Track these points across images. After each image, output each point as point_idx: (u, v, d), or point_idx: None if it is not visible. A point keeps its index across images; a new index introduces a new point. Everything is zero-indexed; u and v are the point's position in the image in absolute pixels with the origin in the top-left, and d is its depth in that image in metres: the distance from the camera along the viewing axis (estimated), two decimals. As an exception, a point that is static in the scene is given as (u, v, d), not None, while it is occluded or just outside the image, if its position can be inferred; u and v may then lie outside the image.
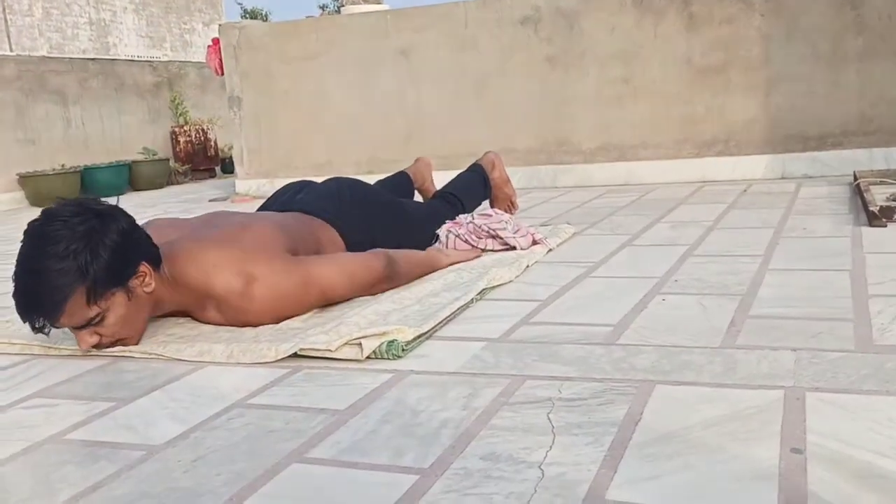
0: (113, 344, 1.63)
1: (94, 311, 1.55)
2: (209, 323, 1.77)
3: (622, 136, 4.01)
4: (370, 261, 1.89)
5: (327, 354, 1.49)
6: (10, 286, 1.55)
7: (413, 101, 4.46)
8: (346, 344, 1.50)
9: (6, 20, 12.12)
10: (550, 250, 2.35)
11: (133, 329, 1.64)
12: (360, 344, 1.49)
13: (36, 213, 1.64)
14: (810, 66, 3.65)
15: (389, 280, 1.92)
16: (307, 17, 5.14)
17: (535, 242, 2.36)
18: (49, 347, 1.70)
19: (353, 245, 2.06)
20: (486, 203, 2.96)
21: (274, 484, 1.00)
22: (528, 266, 2.16)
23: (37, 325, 1.55)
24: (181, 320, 1.82)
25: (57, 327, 1.58)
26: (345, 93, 4.62)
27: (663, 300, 1.71)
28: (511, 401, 1.21)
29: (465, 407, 1.20)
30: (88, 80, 6.55)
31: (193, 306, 1.76)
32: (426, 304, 1.78)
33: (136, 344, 1.66)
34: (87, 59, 6.79)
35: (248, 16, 29.44)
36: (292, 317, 1.74)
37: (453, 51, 4.31)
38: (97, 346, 1.61)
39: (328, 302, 1.82)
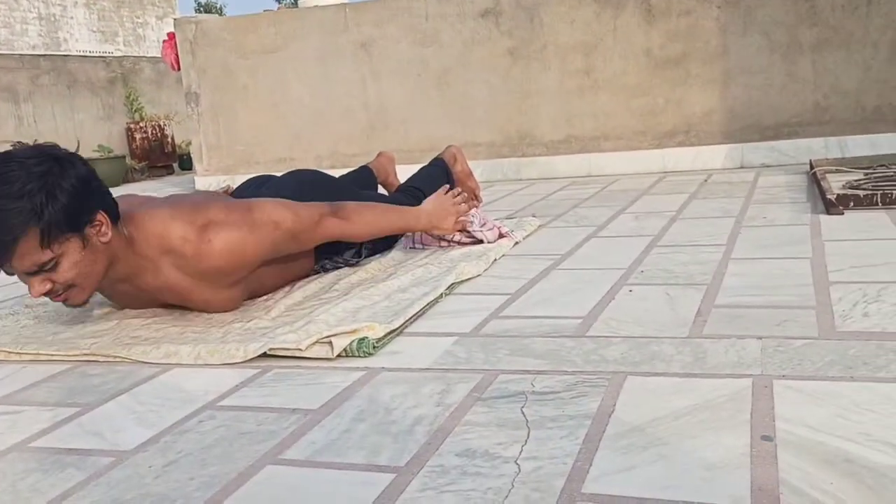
0: (67, 292, 1.60)
1: (47, 255, 1.53)
2: (165, 289, 1.75)
3: (584, 128, 4.03)
4: (313, 203, 1.91)
5: (297, 354, 1.48)
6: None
7: (374, 95, 4.44)
8: (316, 342, 1.49)
9: (-49, 15, 11.78)
10: (517, 243, 2.36)
11: (86, 279, 1.61)
12: (331, 342, 1.49)
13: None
14: (767, 57, 3.71)
15: (339, 217, 1.92)
16: (265, 10, 5.08)
17: (501, 236, 2.36)
18: (9, 353, 1.66)
19: None
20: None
21: (249, 487, 0.99)
22: (495, 260, 2.16)
23: None
24: (147, 321, 1.79)
25: (9, 272, 1.55)
26: (305, 87, 4.58)
27: (630, 291, 1.73)
28: (484, 396, 1.21)
29: (438, 403, 1.20)
30: (40, 76, 6.39)
31: (148, 271, 1.73)
32: (395, 300, 1.77)
33: (85, 302, 1.65)
34: (39, 55, 6.63)
35: (202, 10, 29.00)
36: (252, 257, 1.74)
37: (414, 44, 4.29)
38: (48, 294, 1.58)
39: (285, 238, 1.81)
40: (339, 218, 1.92)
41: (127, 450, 1.14)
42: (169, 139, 7.13)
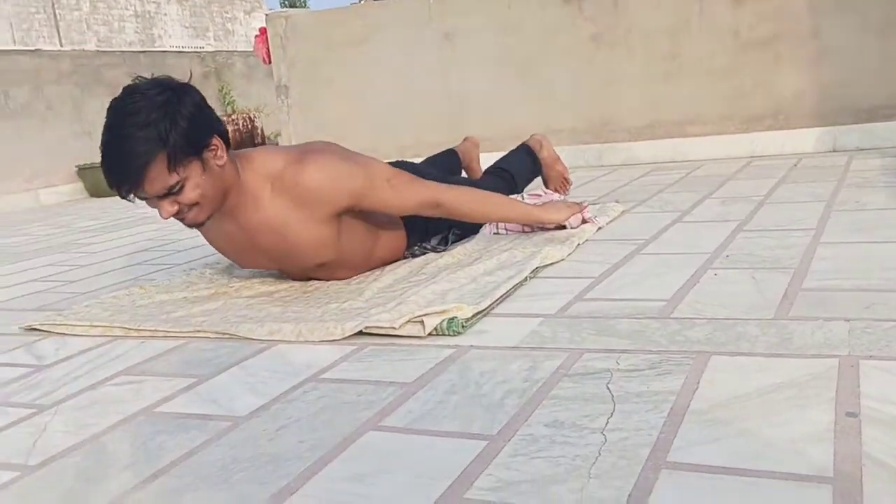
0: (190, 210, 1.76)
1: (174, 177, 1.68)
2: (260, 224, 1.87)
3: (668, 113, 4.00)
4: (425, 187, 2.01)
5: (391, 332, 1.56)
6: (97, 284, 1.67)
7: (457, 84, 4.50)
8: (408, 322, 1.57)
9: (55, 15, 12.42)
10: (600, 228, 2.39)
11: (206, 200, 1.76)
12: (422, 321, 1.56)
13: (95, 203, 1.76)
14: (861, 37, 3.60)
15: (444, 192, 2.01)
16: (352, 3, 5.20)
17: (584, 221, 2.39)
18: (129, 329, 1.81)
19: (407, 221, 2.14)
20: (536, 182, 2.99)
21: (353, 449, 1.08)
22: (579, 244, 2.20)
23: (123, 192, 1.69)
24: (251, 300, 1.91)
25: (142, 197, 1.71)
26: (389, 78, 4.69)
27: (715, 275, 1.75)
28: (570, 372, 1.27)
29: (526, 379, 1.26)
30: (140, 72, 6.72)
31: (251, 203, 1.85)
32: (481, 283, 1.84)
33: (207, 219, 1.81)
34: (138, 51, 6.96)
35: (287, 4, 29.64)
36: (345, 192, 1.85)
37: (497, 33, 4.34)
38: (176, 216, 1.74)
39: (375, 195, 1.90)
40: (447, 192, 2.01)
41: (242, 415, 1.25)
42: (259, 131, 7.39)
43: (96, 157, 5.61)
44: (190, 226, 1.83)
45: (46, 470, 1.13)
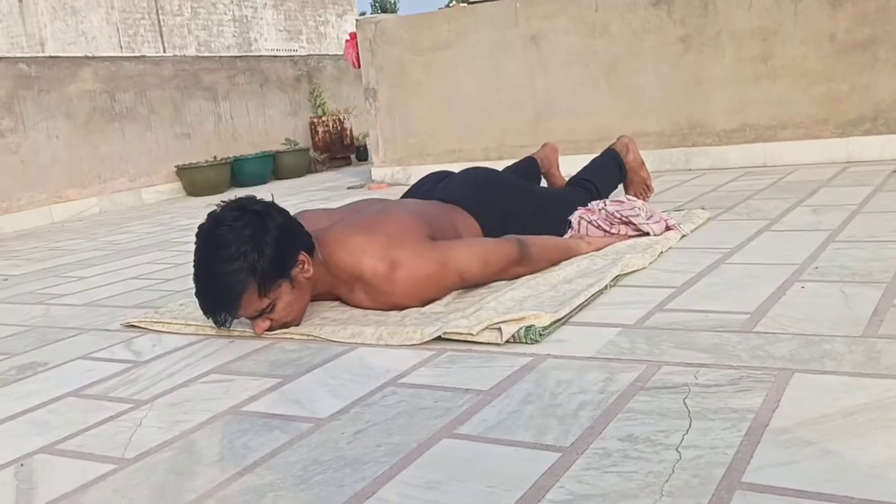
0: (281, 326, 1.80)
1: (265, 302, 1.74)
2: (358, 305, 1.91)
3: (759, 117, 3.89)
4: (503, 245, 1.97)
5: (469, 338, 1.59)
6: (191, 283, 1.76)
7: (542, 86, 4.49)
8: (486, 328, 1.60)
9: (159, 21, 12.98)
10: (684, 236, 2.35)
11: (298, 312, 1.82)
12: (500, 328, 1.58)
13: (191, 201, 1.84)
14: (971, 36, 3.41)
15: (523, 264, 1.99)
16: (440, 8, 5.26)
17: (668, 228, 2.36)
18: (219, 329, 1.89)
19: (489, 231, 2.15)
20: (619, 188, 2.97)
21: (428, 456, 1.10)
22: (661, 252, 2.17)
23: (219, 320, 1.75)
24: (334, 304, 1.97)
25: (236, 319, 1.78)
26: (475, 81, 4.71)
27: (802, 288, 1.70)
28: (647, 385, 1.26)
29: (602, 390, 1.26)
30: (236, 76, 6.97)
31: (344, 288, 1.91)
32: (561, 291, 1.84)
33: (300, 322, 1.84)
34: (235, 56, 7.21)
35: (378, 6, 30.09)
36: (433, 299, 1.86)
37: (583, 36, 4.31)
38: (269, 330, 1.79)
39: (465, 284, 1.91)
40: (523, 266, 1.98)
41: (322, 417, 1.29)
42: (348, 132, 7.54)
43: (194, 158, 5.90)
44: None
45: (140, 464, 1.20)
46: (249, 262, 1.69)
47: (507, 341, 1.56)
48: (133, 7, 12.72)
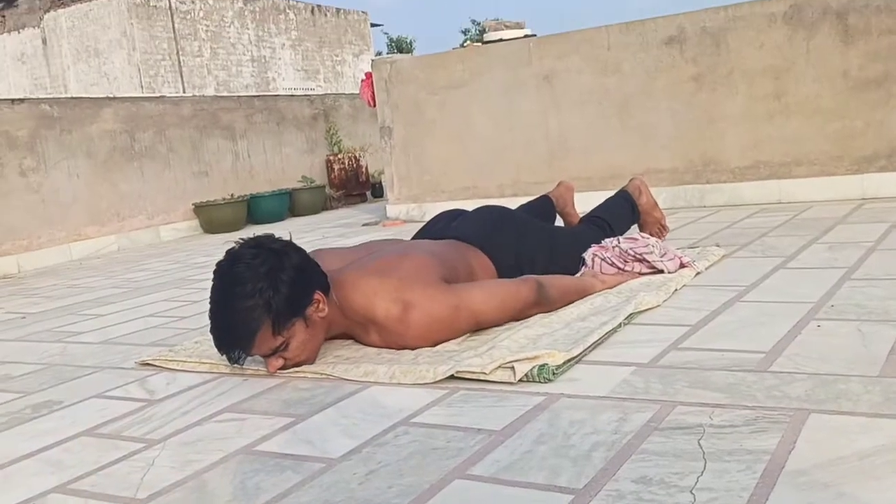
0: (295, 365, 1.81)
1: (279, 340, 1.74)
2: (371, 345, 1.91)
3: (773, 154, 3.89)
4: (519, 287, 1.97)
5: (482, 377, 1.58)
6: (206, 321, 1.76)
7: (556, 125, 4.53)
8: (499, 367, 1.59)
9: (179, 61, 13.23)
10: (699, 273, 2.35)
11: (311, 351, 1.82)
12: (513, 367, 1.58)
13: (209, 239, 1.86)
14: (985, 72, 3.42)
15: (539, 305, 1.99)
16: (454, 48, 5.33)
17: (682, 265, 2.35)
18: (233, 367, 1.90)
19: (504, 269, 2.15)
20: (633, 227, 2.97)
21: (440, 498, 1.10)
22: (676, 290, 2.17)
23: (233, 357, 1.76)
24: (347, 342, 1.98)
25: (250, 356, 1.78)
26: (489, 119, 4.76)
27: (818, 326, 1.69)
28: (661, 426, 1.25)
29: (616, 431, 1.25)
30: (254, 115, 7.07)
31: (358, 329, 1.91)
32: (574, 329, 1.84)
33: (313, 362, 1.83)
34: (253, 96, 7.33)
35: (394, 44, 30.51)
36: (446, 340, 1.85)
37: (596, 74, 4.34)
38: (282, 369, 1.79)
39: (479, 327, 1.91)
40: (539, 307, 1.98)
41: (334, 457, 1.29)
42: (363, 169, 7.61)
43: (212, 195, 5.96)
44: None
45: None
46: (265, 299, 1.70)
47: (521, 380, 1.55)
48: (154, 49, 12.98)
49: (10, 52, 14.43)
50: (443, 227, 2.35)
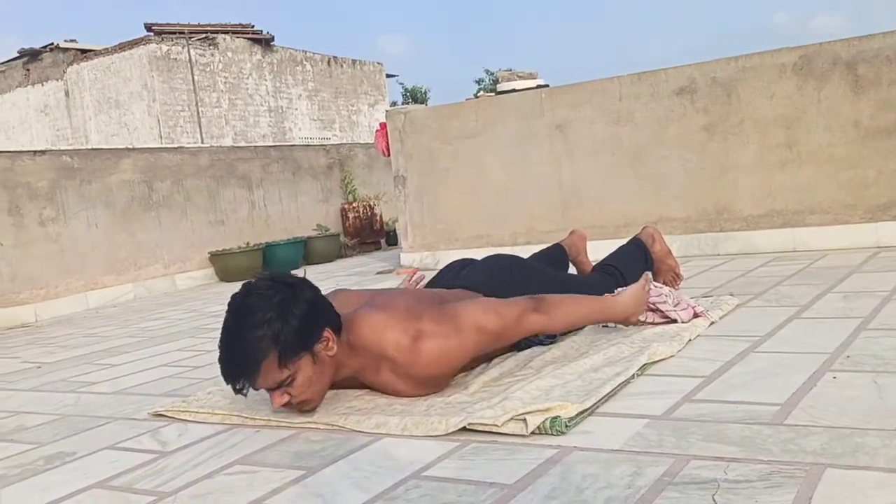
0: (300, 404, 1.79)
1: (284, 373, 1.73)
2: (384, 387, 1.90)
3: (787, 202, 3.90)
4: (515, 298, 2.00)
5: (494, 429, 1.57)
6: (219, 371, 1.76)
7: (569, 173, 4.56)
8: (511, 419, 1.58)
9: (198, 112, 13.46)
10: (713, 323, 2.33)
11: (317, 391, 1.81)
12: (525, 419, 1.57)
13: (224, 287, 1.87)
14: None
15: (540, 311, 1.99)
16: (467, 99, 5.41)
17: (696, 315, 2.34)
18: (245, 418, 1.90)
19: None
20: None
21: (450, 553, 1.08)
22: (689, 340, 2.15)
23: (237, 387, 1.76)
24: (359, 393, 1.97)
25: (255, 389, 1.77)
26: (502, 168, 4.80)
27: (834, 378, 1.67)
28: (675, 480, 1.24)
29: (629, 485, 1.24)
30: (270, 165, 7.17)
31: (369, 370, 1.90)
32: (587, 380, 1.83)
33: (318, 405, 1.83)
34: (270, 146, 7.43)
35: (409, 94, 30.93)
36: (459, 363, 1.87)
37: (608, 124, 4.39)
38: (286, 406, 1.78)
39: (487, 337, 1.91)
40: (539, 313, 1.99)
41: (345, 511, 1.28)
42: (378, 217, 7.66)
43: (228, 244, 5.99)
44: (301, 412, 1.86)
45: (163, 557, 1.19)
46: (274, 329, 1.70)
47: (533, 432, 1.54)
48: (174, 100, 13.24)
49: (34, 104, 14.76)
50: (453, 277, 2.36)
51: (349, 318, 1.89)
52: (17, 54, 14.84)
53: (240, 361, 1.73)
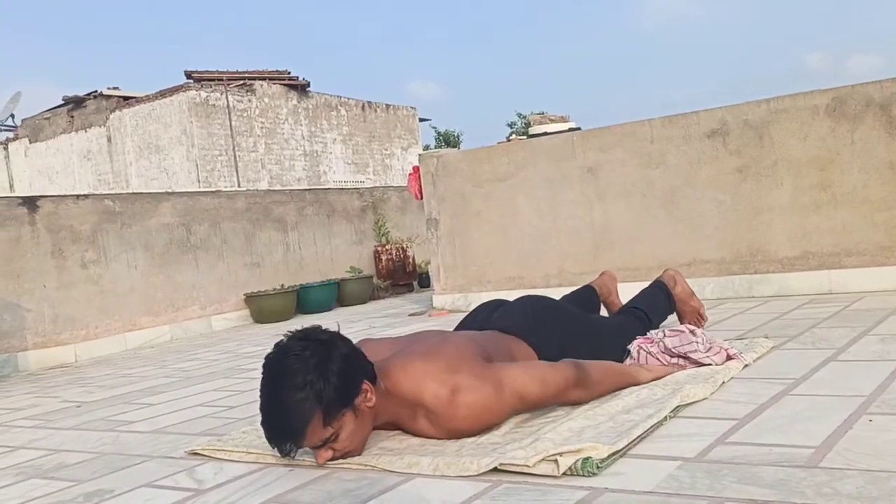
0: (343, 456, 1.82)
1: (328, 431, 1.76)
2: (419, 433, 1.91)
3: (822, 244, 3.86)
4: (560, 366, 1.99)
5: (525, 469, 1.57)
6: (253, 410, 1.78)
7: (600, 215, 4.57)
8: (543, 460, 1.58)
9: (235, 157, 13.74)
10: (747, 366, 2.31)
11: (360, 442, 1.83)
12: (557, 460, 1.57)
13: (258, 329, 1.91)
14: None
15: (581, 386, 1.99)
16: (499, 142, 5.47)
17: (729, 357, 2.33)
18: (279, 457, 1.92)
19: (546, 360, 2.16)
20: (674, 317, 2.95)
21: (481, 592, 1.09)
22: (723, 382, 2.14)
23: (284, 450, 1.78)
24: (391, 433, 1.99)
25: (301, 448, 1.79)
26: (534, 210, 4.83)
27: (870, 421, 1.65)
28: (707, 523, 1.23)
29: (660, 527, 1.23)
30: (305, 208, 7.29)
31: (405, 416, 1.92)
32: (619, 422, 1.82)
33: (360, 454, 1.85)
34: (304, 189, 7.57)
35: (441, 137, 31.24)
36: (494, 422, 1.86)
37: (640, 166, 4.41)
38: (331, 459, 1.81)
39: (525, 405, 1.91)
40: (581, 388, 1.99)
41: (376, 550, 1.29)
42: (410, 260, 7.72)
43: (263, 286, 6.07)
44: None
45: (198, 593, 1.21)
46: (315, 391, 1.72)
47: (564, 473, 1.54)
48: (212, 145, 13.54)
49: (77, 149, 15.19)
50: (483, 319, 2.37)
51: (385, 366, 1.91)
52: (63, 101, 15.32)
53: (285, 426, 1.75)
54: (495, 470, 1.60)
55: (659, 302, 2.83)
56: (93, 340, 5.47)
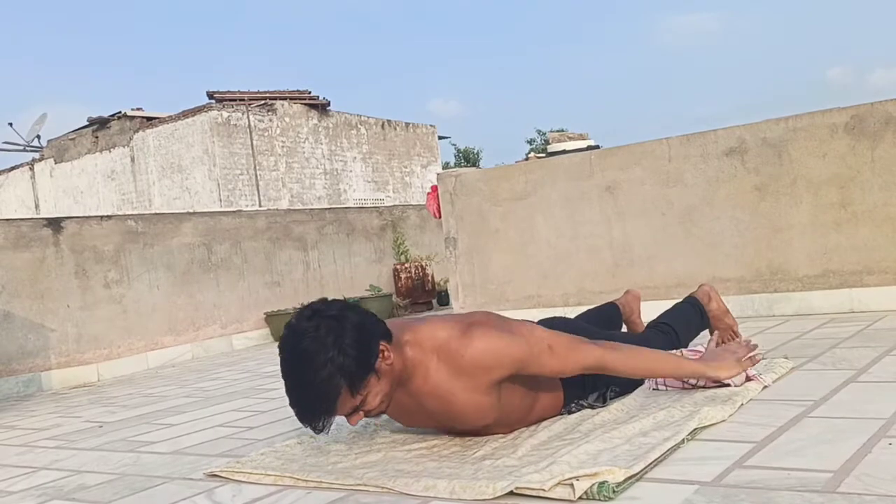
0: (375, 414, 1.94)
1: (357, 399, 1.86)
2: (433, 395, 1.97)
3: (843, 262, 3.83)
4: (572, 334, 2.07)
5: (541, 493, 1.57)
6: (273, 431, 1.82)
7: (619, 234, 4.57)
8: (558, 484, 1.58)
9: (256, 176, 13.87)
10: (766, 387, 2.30)
11: (384, 399, 1.93)
12: (572, 484, 1.57)
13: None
14: None
15: (604, 353, 2.03)
16: (517, 161, 5.49)
17: (748, 379, 2.31)
18: (297, 479, 1.93)
19: (569, 380, 2.17)
20: (704, 334, 2.92)
21: None
22: (742, 404, 2.12)
23: (318, 427, 1.86)
24: (409, 456, 1.99)
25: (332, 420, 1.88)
26: (552, 229, 4.83)
27: (890, 444, 1.63)
28: (723, 549, 1.22)
29: (676, 553, 1.23)
30: (325, 226, 7.34)
31: (420, 372, 1.96)
32: (636, 444, 1.82)
33: (385, 412, 1.98)
34: (325, 208, 7.62)
35: (461, 154, 31.34)
36: (507, 366, 1.93)
37: (658, 185, 4.40)
38: (364, 417, 1.92)
39: (539, 349, 1.96)
40: (598, 347, 2.04)
41: (392, 574, 1.30)
42: (429, 278, 7.74)
43: (283, 305, 6.10)
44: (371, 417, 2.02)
45: None
46: (337, 365, 1.79)
47: (580, 497, 1.54)
48: (233, 164, 13.69)
49: (101, 169, 15.41)
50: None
51: (403, 324, 2.02)
52: (87, 122, 15.57)
53: (316, 404, 1.83)
54: (511, 493, 1.61)
55: (690, 318, 2.80)
56: (115, 360, 5.53)
